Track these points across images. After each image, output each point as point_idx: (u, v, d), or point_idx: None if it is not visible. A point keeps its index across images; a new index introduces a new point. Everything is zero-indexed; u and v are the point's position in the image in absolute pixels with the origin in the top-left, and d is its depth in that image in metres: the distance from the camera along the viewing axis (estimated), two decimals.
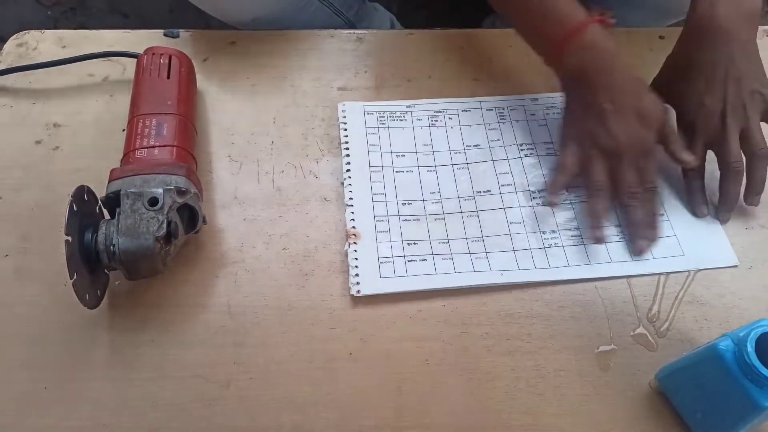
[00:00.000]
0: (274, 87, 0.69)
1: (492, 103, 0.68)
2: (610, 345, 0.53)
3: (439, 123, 0.66)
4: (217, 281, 0.56)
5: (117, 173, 0.53)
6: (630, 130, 0.56)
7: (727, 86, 0.55)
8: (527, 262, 0.57)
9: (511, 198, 0.61)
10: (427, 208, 0.60)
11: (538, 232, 0.58)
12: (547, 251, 0.57)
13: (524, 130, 0.65)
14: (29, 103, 0.67)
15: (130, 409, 0.49)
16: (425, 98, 0.68)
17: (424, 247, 0.57)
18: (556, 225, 0.59)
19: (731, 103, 0.56)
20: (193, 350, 0.52)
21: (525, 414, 0.50)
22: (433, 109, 0.67)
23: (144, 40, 0.70)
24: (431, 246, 0.57)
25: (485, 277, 0.56)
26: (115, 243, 0.49)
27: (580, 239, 0.58)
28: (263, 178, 0.62)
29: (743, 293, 0.55)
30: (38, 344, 0.52)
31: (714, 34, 0.55)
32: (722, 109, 0.56)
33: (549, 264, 0.56)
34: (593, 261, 0.57)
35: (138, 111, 0.58)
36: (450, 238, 0.58)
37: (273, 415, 0.49)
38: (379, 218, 0.59)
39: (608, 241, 0.57)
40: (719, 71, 0.55)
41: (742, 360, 0.41)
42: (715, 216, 0.59)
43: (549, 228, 0.59)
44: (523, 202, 0.60)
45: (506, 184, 0.62)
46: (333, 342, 0.53)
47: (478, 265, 0.56)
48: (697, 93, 0.57)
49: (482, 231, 0.58)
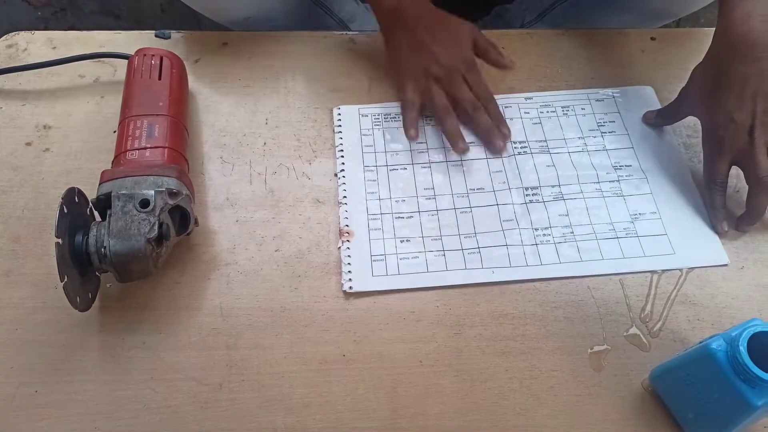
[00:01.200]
0: (266, 88, 0.69)
1: None
2: (603, 345, 0.53)
3: (434, 121, 0.66)
4: (209, 283, 0.55)
5: (108, 175, 0.53)
6: (451, 53, 0.64)
7: (756, 102, 0.55)
8: (519, 258, 0.57)
9: (505, 195, 0.61)
10: (420, 205, 0.60)
11: (530, 228, 0.59)
12: (539, 248, 0.57)
13: (518, 128, 0.66)
14: (19, 104, 0.67)
15: (123, 412, 0.49)
16: None
17: (416, 244, 0.58)
18: (548, 222, 0.59)
19: (760, 118, 0.55)
20: (185, 352, 0.52)
21: (519, 414, 0.50)
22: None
23: (135, 41, 0.70)
24: (424, 243, 0.58)
25: (477, 275, 0.56)
26: (106, 245, 0.49)
27: (573, 236, 0.58)
28: (255, 180, 0.62)
29: (735, 293, 0.56)
30: (29, 347, 0.52)
31: (747, 48, 0.54)
32: (751, 124, 0.55)
33: (540, 261, 0.57)
34: (585, 258, 0.57)
35: (129, 112, 0.58)
36: (443, 234, 0.58)
37: (266, 417, 0.49)
38: (373, 216, 0.59)
39: (468, 152, 0.63)
40: (750, 86, 0.55)
41: (735, 360, 0.41)
42: (736, 227, 0.59)
43: (542, 225, 0.59)
44: (516, 200, 0.61)
45: (500, 181, 0.62)
46: (326, 344, 0.53)
47: (470, 261, 0.56)
48: (727, 107, 0.56)
49: (475, 227, 0.59)
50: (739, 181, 0.60)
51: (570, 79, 0.70)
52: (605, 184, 0.62)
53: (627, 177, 0.62)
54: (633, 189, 0.62)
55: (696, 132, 0.65)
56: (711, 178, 0.59)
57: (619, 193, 0.61)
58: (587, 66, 0.70)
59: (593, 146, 0.65)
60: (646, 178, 0.62)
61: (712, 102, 0.58)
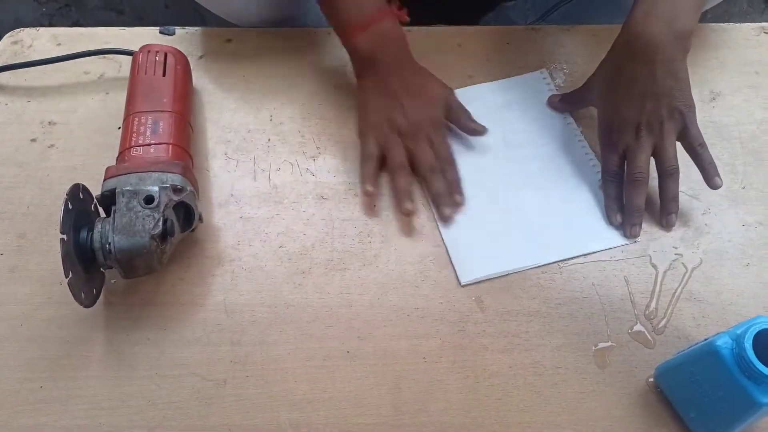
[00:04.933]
0: (270, 84, 0.69)
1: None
2: (608, 342, 0.53)
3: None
4: (213, 279, 0.56)
5: (112, 171, 0.53)
6: (421, 110, 0.62)
7: (645, 100, 0.56)
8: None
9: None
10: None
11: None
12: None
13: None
14: (24, 100, 0.67)
15: (127, 407, 0.49)
16: None
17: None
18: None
19: (647, 117, 0.56)
20: (189, 348, 0.52)
21: (522, 411, 0.50)
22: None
23: (139, 38, 0.70)
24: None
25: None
26: (111, 241, 0.49)
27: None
28: (260, 176, 0.62)
29: (741, 290, 0.55)
30: (34, 343, 0.52)
31: (640, 48, 0.55)
32: (638, 122, 0.57)
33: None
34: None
35: (134, 109, 0.58)
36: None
37: (270, 413, 0.49)
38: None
39: (413, 214, 0.60)
40: (639, 85, 0.56)
41: (740, 357, 0.41)
42: (623, 230, 0.59)
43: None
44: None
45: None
46: (330, 340, 0.53)
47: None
48: (618, 103, 0.58)
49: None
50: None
51: (575, 75, 0.70)
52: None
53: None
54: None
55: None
56: (604, 168, 0.60)
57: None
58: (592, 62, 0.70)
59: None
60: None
61: (608, 96, 0.60)
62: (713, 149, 0.60)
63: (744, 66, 0.70)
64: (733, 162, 0.63)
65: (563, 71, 0.70)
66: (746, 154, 0.64)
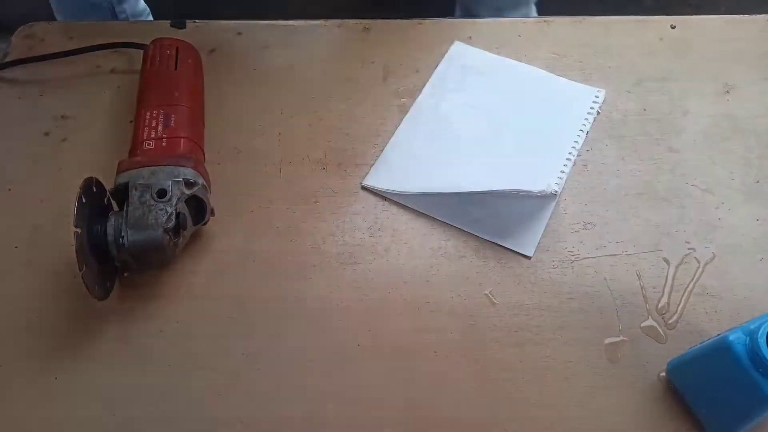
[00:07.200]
0: (281, 78, 0.69)
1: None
2: (619, 337, 0.53)
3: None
4: (225, 273, 0.56)
5: (125, 165, 0.53)
6: None
7: None
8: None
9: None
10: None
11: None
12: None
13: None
14: (37, 94, 0.67)
15: (140, 400, 0.50)
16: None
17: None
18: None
19: None
20: (202, 341, 0.52)
21: (533, 405, 0.50)
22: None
23: (151, 31, 0.70)
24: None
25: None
26: (124, 235, 0.49)
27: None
28: (271, 170, 0.62)
29: (754, 285, 0.55)
30: (48, 335, 0.53)
31: None
32: None
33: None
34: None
35: (145, 102, 0.58)
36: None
37: (282, 406, 0.50)
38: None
39: None
40: None
41: (754, 353, 0.41)
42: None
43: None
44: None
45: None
46: (341, 333, 0.53)
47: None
48: None
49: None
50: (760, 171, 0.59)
51: (587, 68, 0.69)
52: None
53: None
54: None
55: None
56: None
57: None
58: (605, 54, 0.70)
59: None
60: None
61: None
62: (727, 142, 0.59)
63: (759, 58, 0.69)
64: (748, 155, 0.62)
65: (578, 63, 0.69)
66: (761, 147, 0.63)
